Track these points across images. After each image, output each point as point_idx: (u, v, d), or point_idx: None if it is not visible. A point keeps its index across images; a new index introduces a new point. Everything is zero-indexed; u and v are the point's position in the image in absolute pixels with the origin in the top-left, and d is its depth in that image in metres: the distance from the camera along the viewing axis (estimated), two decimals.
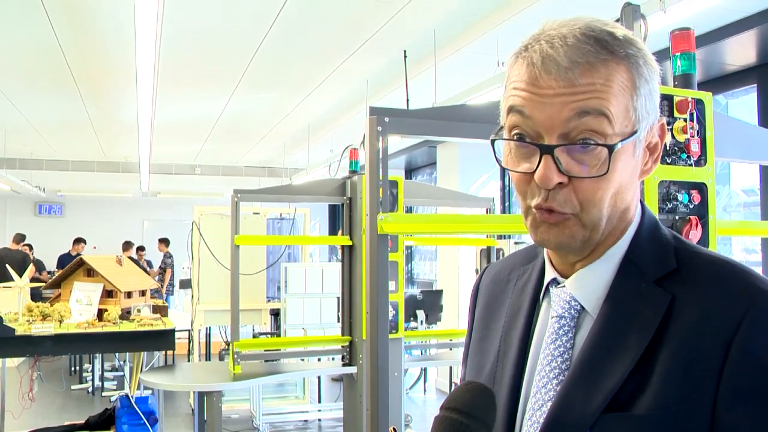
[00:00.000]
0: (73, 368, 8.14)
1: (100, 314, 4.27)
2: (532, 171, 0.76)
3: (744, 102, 4.84)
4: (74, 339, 3.98)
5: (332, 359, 5.03)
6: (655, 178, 1.89)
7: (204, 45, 4.84)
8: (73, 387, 7.44)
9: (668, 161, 1.92)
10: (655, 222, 0.85)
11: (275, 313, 6.27)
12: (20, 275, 4.72)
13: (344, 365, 4.17)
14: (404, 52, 4.55)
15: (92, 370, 7.41)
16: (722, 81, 4.71)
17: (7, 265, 5.55)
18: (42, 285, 6.30)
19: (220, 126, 7.77)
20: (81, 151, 9.83)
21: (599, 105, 0.74)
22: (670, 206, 1.92)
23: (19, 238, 10.18)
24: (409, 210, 7.26)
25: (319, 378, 6.58)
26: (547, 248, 0.84)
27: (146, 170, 9.73)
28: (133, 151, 8.89)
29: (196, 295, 5.74)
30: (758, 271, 0.78)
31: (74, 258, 4.85)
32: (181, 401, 6.82)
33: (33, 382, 4.58)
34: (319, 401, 6.59)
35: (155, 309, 4.56)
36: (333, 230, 13.82)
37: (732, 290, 0.74)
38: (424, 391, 7.62)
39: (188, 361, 6.37)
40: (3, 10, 4.16)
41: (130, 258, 9.60)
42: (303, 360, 4.95)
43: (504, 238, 4.97)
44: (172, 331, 4.18)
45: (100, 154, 9.95)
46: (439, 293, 6.97)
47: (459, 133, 2.24)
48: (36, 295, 6.13)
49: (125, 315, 4.33)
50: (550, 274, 0.86)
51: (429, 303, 6.71)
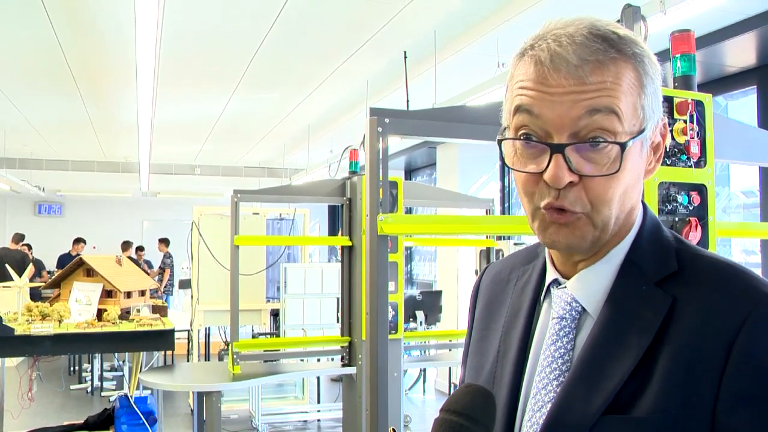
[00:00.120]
0: (72, 368, 8.14)
1: (100, 314, 4.27)
2: (541, 171, 0.75)
3: (744, 103, 4.84)
4: (73, 339, 3.98)
5: (331, 360, 5.03)
6: (655, 180, 1.89)
7: (204, 45, 4.85)
8: (72, 387, 7.44)
9: (668, 162, 1.92)
10: (657, 223, 0.84)
11: (275, 314, 6.27)
12: (19, 275, 4.72)
13: (343, 366, 4.18)
14: (404, 52, 4.55)
15: (91, 370, 7.40)
16: (722, 82, 4.72)
17: (6, 265, 5.54)
18: (41, 285, 6.30)
19: (220, 126, 7.77)
20: (81, 151, 9.83)
21: (610, 103, 0.73)
22: (669, 207, 1.92)
23: (18, 237, 10.17)
24: (408, 211, 7.25)
25: (318, 378, 6.57)
26: (556, 250, 0.83)
27: (146, 170, 9.73)
28: (133, 151, 8.89)
29: (196, 295, 5.74)
30: (758, 273, 0.77)
31: (74, 258, 4.85)
32: (180, 401, 6.82)
33: (32, 381, 4.57)
34: (319, 402, 6.59)
35: (155, 309, 4.56)
36: (333, 231, 13.82)
37: (733, 293, 0.74)
38: (424, 391, 7.62)
39: (187, 362, 6.37)
40: (3, 10, 4.16)
41: (129, 258, 9.60)
42: (302, 360, 4.95)
43: (503, 239, 4.98)
44: (172, 332, 4.18)
45: (99, 154, 9.95)
46: (438, 294, 6.97)
47: (459, 134, 2.24)
48: (35, 295, 6.12)
49: (125, 315, 4.33)
50: (551, 274, 0.86)
51: (428, 304, 6.72)
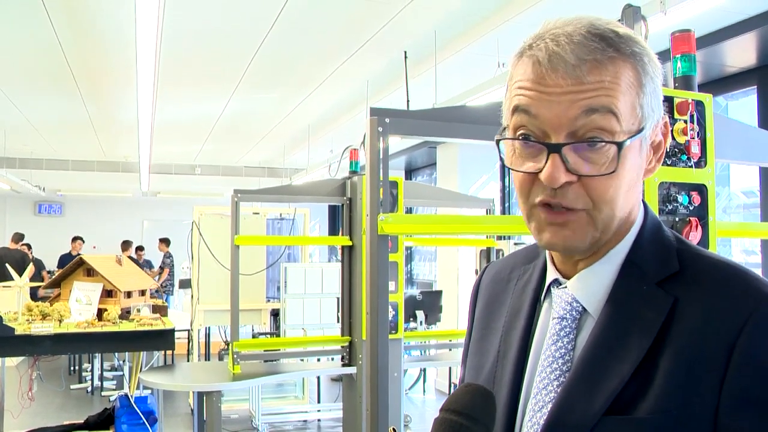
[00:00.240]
0: (72, 368, 8.14)
1: (100, 314, 4.27)
2: (538, 170, 0.75)
3: (744, 104, 4.84)
4: (74, 339, 3.98)
5: (332, 359, 5.03)
6: (655, 180, 1.89)
7: (204, 45, 4.85)
8: (72, 386, 7.44)
9: (668, 163, 1.92)
10: (658, 223, 0.84)
11: (275, 314, 6.27)
12: (19, 274, 4.72)
13: (344, 365, 4.17)
14: (405, 52, 4.55)
15: (92, 370, 7.41)
16: (722, 83, 4.72)
17: (6, 265, 5.55)
18: (41, 285, 6.30)
19: (220, 126, 7.77)
20: (81, 151, 9.83)
21: (608, 102, 0.73)
22: (670, 207, 1.92)
23: (18, 237, 10.17)
24: (408, 211, 7.25)
25: (318, 378, 6.57)
26: (554, 251, 0.83)
27: (146, 170, 9.72)
28: (133, 151, 8.88)
29: (196, 295, 5.74)
30: (758, 273, 0.77)
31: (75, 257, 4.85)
32: (180, 401, 6.82)
33: (32, 381, 4.57)
34: (319, 401, 6.59)
35: (155, 309, 4.56)
36: (333, 231, 13.82)
37: (735, 293, 0.73)
38: (424, 391, 7.62)
39: (188, 361, 6.37)
40: (3, 10, 4.16)
41: (129, 258, 9.60)
42: (302, 360, 4.95)
43: (504, 238, 4.98)
44: (172, 331, 4.18)
45: (100, 153, 9.95)
46: (438, 294, 6.97)
47: (459, 134, 2.24)
48: (35, 295, 6.13)
49: (125, 315, 4.33)
50: (551, 274, 0.85)
51: (428, 303, 6.72)
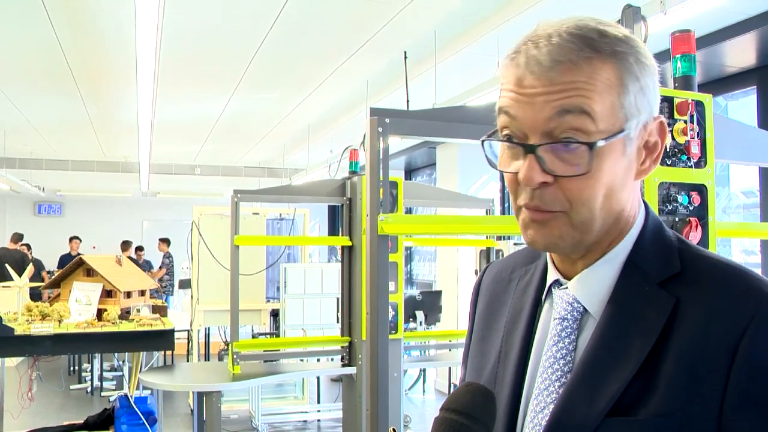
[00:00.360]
0: (72, 368, 8.14)
1: (100, 314, 4.27)
2: (517, 171, 0.77)
3: (744, 104, 4.85)
4: (73, 339, 3.98)
5: (331, 360, 5.03)
6: (655, 180, 1.89)
7: (204, 45, 4.85)
8: (72, 387, 7.44)
9: (668, 163, 1.92)
10: (659, 224, 0.83)
11: (275, 314, 6.27)
12: (19, 275, 4.72)
13: (343, 366, 4.17)
14: (404, 53, 4.55)
15: (91, 370, 7.40)
16: (722, 83, 4.72)
17: (6, 265, 5.54)
18: (41, 285, 6.30)
19: (220, 126, 7.77)
20: (81, 151, 9.83)
21: (580, 103, 0.73)
22: (670, 208, 1.92)
23: (17, 237, 10.17)
24: (408, 211, 7.25)
25: (318, 378, 6.57)
26: (537, 249, 0.84)
27: (146, 170, 9.73)
28: (133, 151, 8.88)
29: (196, 295, 5.74)
30: (759, 273, 0.77)
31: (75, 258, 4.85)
32: (180, 401, 6.82)
33: (32, 381, 4.57)
34: (318, 402, 6.59)
35: (154, 309, 4.56)
36: (332, 231, 13.82)
37: (737, 294, 0.73)
38: (423, 391, 7.62)
39: (187, 362, 6.37)
40: (3, 10, 4.16)
41: (129, 258, 9.60)
42: (302, 360, 4.95)
43: (503, 239, 4.98)
44: (172, 331, 4.17)
45: (99, 153, 9.95)
46: (438, 294, 6.97)
47: (459, 134, 2.24)
48: (35, 295, 6.12)
49: (124, 315, 4.33)
50: (552, 275, 0.85)
51: (428, 304, 6.72)
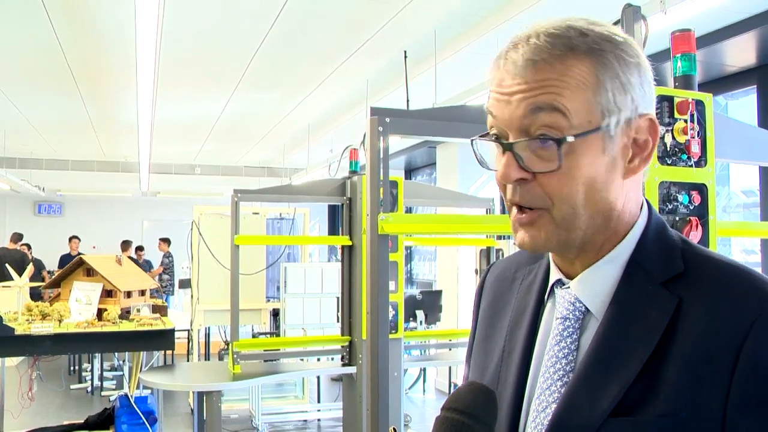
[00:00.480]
0: (72, 368, 8.14)
1: (100, 314, 4.27)
2: None
3: (744, 103, 4.85)
4: (74, 338, 3.98)
5: (332, 359, 5.03)
6: (655, 179, 1.89)
7: (204, 45, 4.85)
8: (72, 386, 7.44)
9: (669, 162, 1.92)
10: (662, 223, 0.83)
11: (275, 313, 6.27)
12: (19, 274, 4.72)
13: (344, 365, 4.17)
14: (404, 52, 4.55)
15: (91, 370, 7.41)
16: (722, 82, 4.72)
17: (6, 265, 5.54)
18: (41, 285, 6.30)
19: (220, 126, 7.77)
20: (81, 151, 9.83)
21: (552, 100, 0.74)
22: (670, 207, 1.92)
23: (17, 237, 10.17)
24: (408, 210, 7.25)
25: (318, 378, 6.57)
26: (527, 250, 0.84)
27: (146, 170, 9.73)
28: (133, 151, 8.88)
29: (196, 294, 5.74)
30: (762, 273, 0.76)
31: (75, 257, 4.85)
32: (180, 401, 6.82)
33: (32, 381, 4.57)
34: (319, 401, 6.59)
35: (155, 309, 4.56)
36: (332, 230, 13.82)
37: (741, 294, 0.73)
38: (424, 391, 7.62)
39: (188, 361, 6.37)
40: (3, 10, 4.16)
41: (129, 258, 9.60)
42: (302, 360, 4.95)
43: (503, 238, 4.97)
44: (172, 331, 4.18)
45: (99, 153, 9.95)
46: (438, 293, 6.97)
47: (459, 133, 2.24)
48: (35, 295, 6.12)
49: (125, 315, 4.33)
50: (554, 274, 0.85)
51: (428, 303, 6.72)
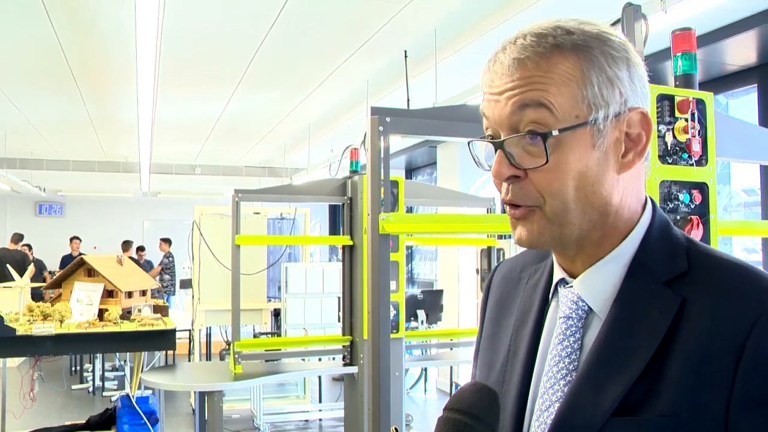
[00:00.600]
0: (73, 368, 8.14)
1: (101, 314, 4.27)
2: None
3: (744, 102, 4.84)
4: (75, 339, 3.98)
5: (333, 359, 5.03)
6: (656, 178, 1.89)
7: (204, 45, 4.85)
8: (73, 387, 7.44)
9: (669, 161, 1.92)
10: (667, 222, 0.83)
11: (276, 313, 6.27)
12: (20, 275, 4.72)
13: (345, 365, 4.17)
14: (405, 52, 4.55)
15: (93, 370, 7.41)
16: (723, 81, 4.71)
17: (7, 265, 5.55)
18: (42, 285, 6.31)
19: (221, 126, 7.77)
20: (81, 151, 9.83)
21: (537, 96, 0.75)
22: (671, 206, 1.92)
23: (17, 237, 10.18)
24: (409, 210, 7.25)
25: (319, 378, 6.58)
26: (524, 247, 0.85)
27: (146, 170, 9.73)
28: (134, 151, 8.89)
29: (197, 295, 5.74)
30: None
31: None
32: (181, 401, 6.82)
33: (34, 381, 4.58)
34: (320, 401, 6.59)
35: (156, 309, 4.56)
36: (333, 230, 13.82)
37: (743, 293, 0.72)
38: (425, 390, 7.62)
39: (189, 361, 6.37)
40: (3, 10, 4.16)
41: (130, 258, 9.60)
42: (304, 360, 4.95)
43: (504, 237, 4.97)
44: (173, 331, 4.17)
45: (100, 153, 9.96)
46: (439, 293, 6.97)
47: (460, 133, 2.24)
48: (36, 295, 6.13)
49: (126, 315, 4.33)
50: (558, 273, 0.85)
51: (429, 303, 6.72)
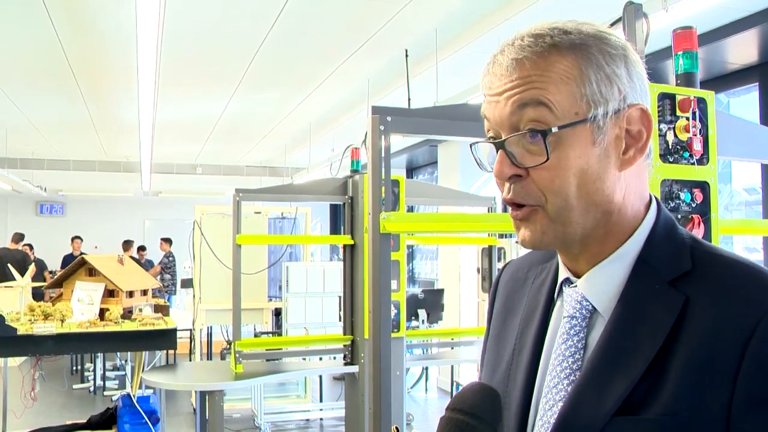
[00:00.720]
0: (74, 367, 8.14)
1: (102, 314, 4.27)
2: None
3: (746, 101, 4.84)
4: (76, 338, 3.98)
5: (334, 358, 5.03)
6: (657, 177, 1.89)
7: (205, 45, 4.84)
8: (74, 386, 7.45)
9: (671, 160, 1.92)
10: (671, 221, 0.83)
11: (277, 313, 6.27)
12: (21, 274, 4.72)
13: (346, 364, 4.17)
14: (405, 51, 4.54)
15: (94, 370, 7.42)
16: (724, 80, 4.71)
17: (8, 265, 5.55)
18: (43, 285, 6.31)
19: (221, 126, 7.77)
20: (82, 151, 9.84)
21: (536, 95, 0.76)
22: (672, 205, 1.92)
23: (18, 237, 10.18)
24: (410, 209, 7.24)
25: (320, 377, 6.58)
26: (527, 247, 0.85)
27: (147, 170, 9.73)
28: (135, 151, 8.89)
29: (198, 294, 5.74)
30: None
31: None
32: (182, 400, 6.83)
33: (35, 381, 4.59)
34: (321, 400, 6.59)
35: (157, 308, 4.56)
36: (334, 229, 13.82)
37: (747, 293, 0.72)
38: (426, 390, 7.62)
39: (190, 361, 6.37)
40: (3, 10, 4.17)
41: (131, 257, 9.60)
42: (304, 359, 4.95)
43: (505, 236, 4.98)
44: (174, 331, 4.18)
45: (101, 153, 9.96)
46: (440, 292, 6.97)
47: (460, 132, 2.24)
48: (37, 295, 6.13)
49: (127, 314, 4.34)
50: (563, 273, 0.86)
51: (430, 302, 6.72)
